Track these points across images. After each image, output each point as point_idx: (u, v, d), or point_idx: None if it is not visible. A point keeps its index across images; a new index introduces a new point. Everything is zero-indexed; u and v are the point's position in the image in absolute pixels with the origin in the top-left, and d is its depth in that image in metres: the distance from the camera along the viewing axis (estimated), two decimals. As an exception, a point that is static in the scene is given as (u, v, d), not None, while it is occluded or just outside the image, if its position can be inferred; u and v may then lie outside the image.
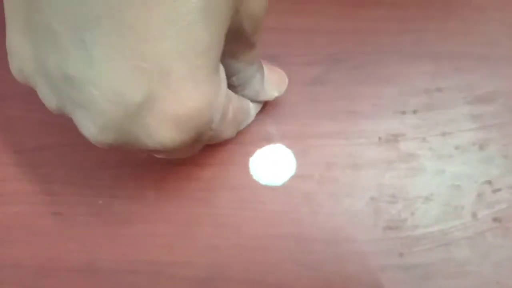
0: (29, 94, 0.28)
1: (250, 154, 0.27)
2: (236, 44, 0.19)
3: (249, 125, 0.26)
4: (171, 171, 0.27)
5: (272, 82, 0.23)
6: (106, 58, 0.14)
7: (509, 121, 0.27)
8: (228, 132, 0.22)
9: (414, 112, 0.27)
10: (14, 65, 0.17)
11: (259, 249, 0.26)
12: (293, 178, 0.26)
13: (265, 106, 0.27)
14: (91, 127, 0.16)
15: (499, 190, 0.26)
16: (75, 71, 0.15)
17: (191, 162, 0.27)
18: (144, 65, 0.15)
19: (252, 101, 0.24)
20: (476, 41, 0.28)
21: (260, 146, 0.27)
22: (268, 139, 0.27)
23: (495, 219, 0.26)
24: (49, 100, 0.17)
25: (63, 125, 0.27)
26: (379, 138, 0.27)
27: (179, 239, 0.26)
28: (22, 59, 0.17)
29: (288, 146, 0.27)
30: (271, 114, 0.27)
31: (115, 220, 0.26)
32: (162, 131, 0.16)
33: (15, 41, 0.17)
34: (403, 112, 0.27)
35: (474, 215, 0.26)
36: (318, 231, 0.26)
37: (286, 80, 0.24)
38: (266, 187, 0.26)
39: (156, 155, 0.21)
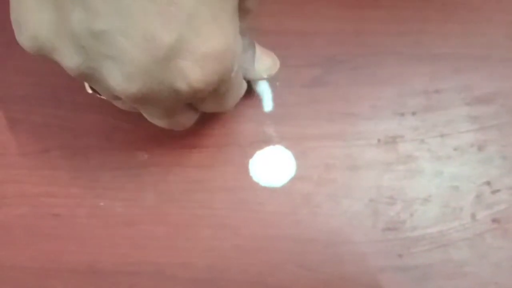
0: (31, 97, 0.28)
1: (249, 155, 0.27)
2: None
3: (247, 126, 0.26)
4: (171, 173, 0.27)
5: (263, 63, 0.24)
6: (135, 6, 0.15)
7: (508, 122, 0.27)
8: (232, 97, 0.22)
9: (413, 113, 0.27)
10: (27, 34, 0.17)
11: (258, 250, 0.26)
12: (293, 179, 0.26)
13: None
14: (118, 77, 0.17)
15: (498, 191, 0.26)
16: (104, 25, 0.16)
17: (190, 164, 0.27)
18: (171, 9, 0.16)
19: None
20: (474, 42, 0.28)
21: (260, 148, 0.27)
22: (268, 141, 0.27)
23: (494, 220, 0.26)
24: (71, 60, 0.17)
25: (64, 127, 0.28)
26: (378, 140, 0.27)
27: (179, 241, 0.26)
28: (38, 24, 0.17)
29: (288, 147, 0.27)
30: (270, 116, 0.27)
31: (115, 221, 0.26)
32: (190, 71, 0.17)
33: (30, 7, 0.17)
34: (402, 114, 0.27)
35: (473, 216, 0.26)
36: (317, 232, 0.26)
37: (278, 64, 0.25)
38: (265, 189, 0.26)
39: (158, 122, 0.21)
